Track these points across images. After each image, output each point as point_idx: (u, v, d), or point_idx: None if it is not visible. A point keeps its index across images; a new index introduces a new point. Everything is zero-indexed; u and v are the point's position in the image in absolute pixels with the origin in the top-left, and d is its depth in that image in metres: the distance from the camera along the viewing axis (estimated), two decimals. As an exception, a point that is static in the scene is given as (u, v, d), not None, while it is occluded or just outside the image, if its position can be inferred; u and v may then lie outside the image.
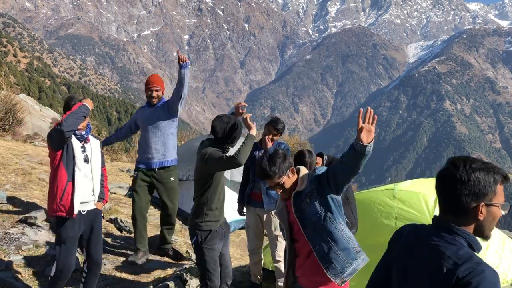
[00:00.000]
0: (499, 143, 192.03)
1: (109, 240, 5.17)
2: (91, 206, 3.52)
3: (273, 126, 4.28)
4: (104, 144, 4.78)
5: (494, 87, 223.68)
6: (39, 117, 13.77)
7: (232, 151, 3.50)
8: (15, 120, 9.60)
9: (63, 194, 3.31)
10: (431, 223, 1.62)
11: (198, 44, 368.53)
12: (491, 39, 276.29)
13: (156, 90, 4.58)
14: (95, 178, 3.53)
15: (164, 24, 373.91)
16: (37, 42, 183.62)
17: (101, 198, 3.66)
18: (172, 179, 4.73)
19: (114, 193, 7.00)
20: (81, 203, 3.41)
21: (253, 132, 3.34)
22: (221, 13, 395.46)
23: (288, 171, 2.66)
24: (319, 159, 4.05)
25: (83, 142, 3.48)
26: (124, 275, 4.42)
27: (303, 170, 2.76)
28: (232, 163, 3.22)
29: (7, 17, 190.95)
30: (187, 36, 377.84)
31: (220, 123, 3.37)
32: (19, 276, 3.97)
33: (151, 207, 6.05)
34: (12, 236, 4.53)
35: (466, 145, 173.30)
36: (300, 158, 3.72)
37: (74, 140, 3.42)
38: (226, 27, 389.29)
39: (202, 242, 3.39)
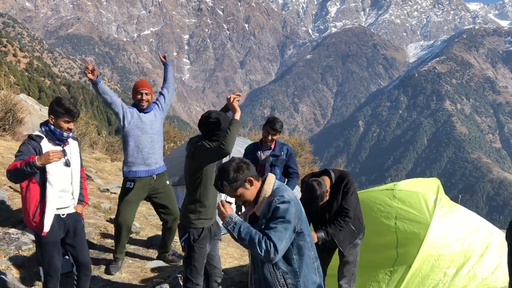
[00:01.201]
0: (499, 143, 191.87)
1: (108, 240, 5.15)
2: (70, 210, 3.42)
3: (270, 126, 4.25)
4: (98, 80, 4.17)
5: (494, 87, 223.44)
6: (39, 117, 13.74)
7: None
8: (15, 120, 9.57)
9: (36, 211, 3.21)
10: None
11: (198, 44, 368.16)
12: (491, 39, 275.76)
13: (147, 94, 4.35)
14: (74, 182, 3.41)
15: (164, 24, 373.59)
16: (37, 42, 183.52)
17: (81, 200, 3.53)
18: (168, 182, 4.55)
19: (114, 193, 6.97)
20: (59, 208, 3.32)
21: (237, 116, 3.16)
22: (221, 13, 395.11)
23: (245, 182, 2.31)
24: (327, 179, 3.51)
25: (63, 146, 3.32)
26: (123, 275, 4.41)
27: (268, 185, 2.36)
28: (219, 153, 3.14)
29: (7, 17, 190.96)
30: (187, 36, 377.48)
31: (204, 118, 3.36)
32: (19, 276, 3.94)
33: (149, 207, 6.03)
34: (12, 236, 4.52)
35: (466, 145, 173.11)
36: (310, 193, 3.35)
37: (47, 149, 3.18)
38: (226, 27, 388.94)
39: (194, 240, 3.31)
